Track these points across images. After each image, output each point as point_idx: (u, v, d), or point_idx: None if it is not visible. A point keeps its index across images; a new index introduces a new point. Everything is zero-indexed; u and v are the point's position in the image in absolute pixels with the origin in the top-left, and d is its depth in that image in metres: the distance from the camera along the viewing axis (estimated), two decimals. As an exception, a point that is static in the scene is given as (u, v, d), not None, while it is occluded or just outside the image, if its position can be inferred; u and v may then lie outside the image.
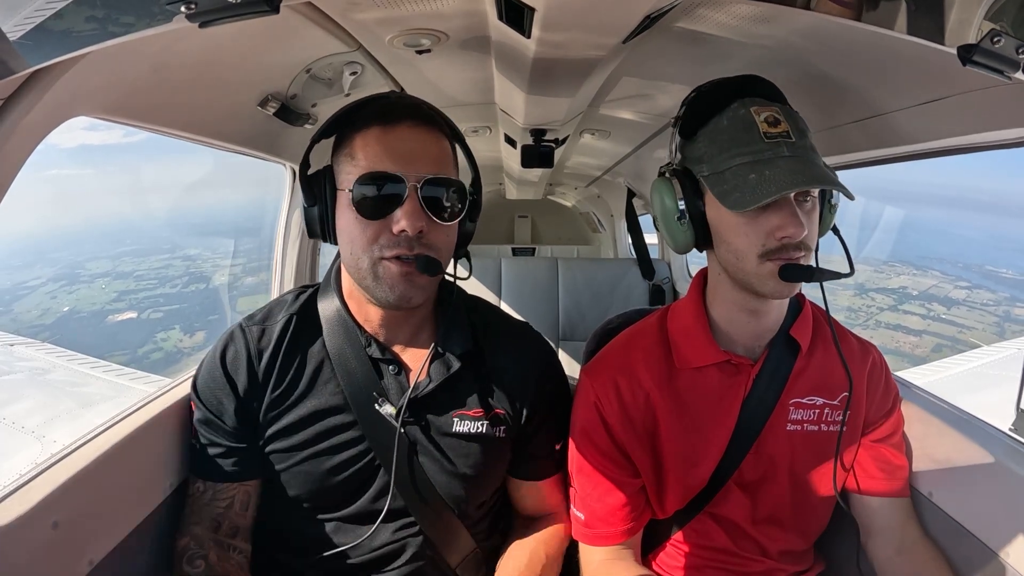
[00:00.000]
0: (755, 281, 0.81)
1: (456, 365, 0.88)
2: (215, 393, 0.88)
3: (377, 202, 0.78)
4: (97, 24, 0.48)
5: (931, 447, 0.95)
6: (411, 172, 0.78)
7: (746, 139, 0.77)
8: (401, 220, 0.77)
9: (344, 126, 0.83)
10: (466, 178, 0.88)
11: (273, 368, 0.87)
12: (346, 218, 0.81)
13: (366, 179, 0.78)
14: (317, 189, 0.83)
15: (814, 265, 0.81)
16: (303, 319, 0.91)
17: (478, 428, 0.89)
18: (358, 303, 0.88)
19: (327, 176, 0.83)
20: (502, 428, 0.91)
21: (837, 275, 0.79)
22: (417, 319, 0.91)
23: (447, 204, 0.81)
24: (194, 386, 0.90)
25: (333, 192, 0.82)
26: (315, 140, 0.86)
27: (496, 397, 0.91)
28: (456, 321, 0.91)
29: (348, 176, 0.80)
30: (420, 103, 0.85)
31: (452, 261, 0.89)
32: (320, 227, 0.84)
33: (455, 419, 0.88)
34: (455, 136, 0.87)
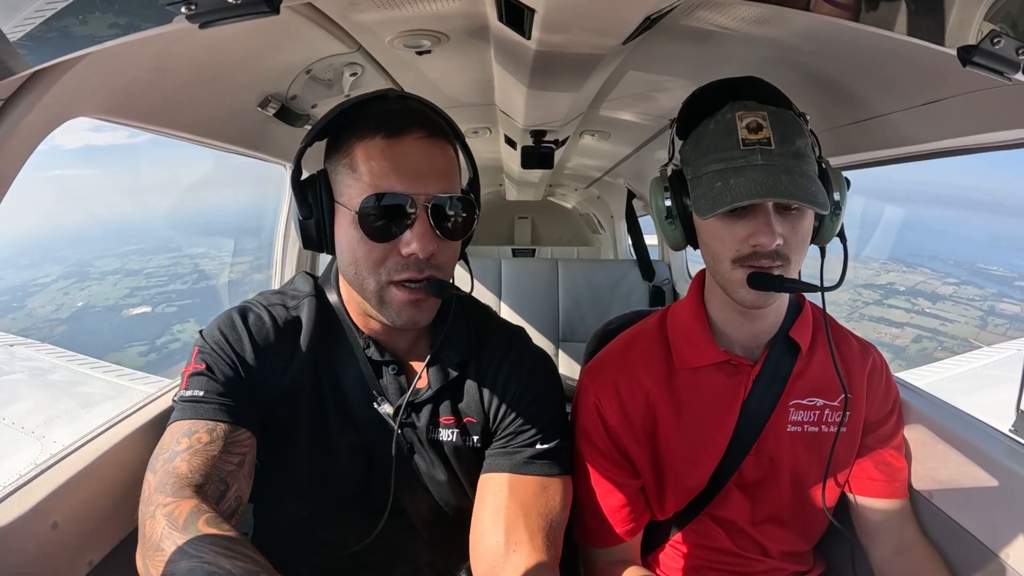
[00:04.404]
0: (729, 286, 0.82)
1: (454, 373, 0.86)
2: (231, 344, 0.79)
3: (385, 224, 0.73)
4: (97, 25, 0.48)
5: (931, 448, 0.95)
6: (420, 190, 0.74)
7: (724, 145, 0.77)
8: (412, 243, 0.73)
9: (341, 128, 0.78)
10: (464, 176, 0.85)
11: (279, 349, 0.82)
12: (349, 236, 0.76)
13: (373, 199, 0.73)
14: (313, 199, 0.77)
15: (796, 276, 0.80)
16: (315, 309, 0.86)
17: (457, 436, 0.86)
18: (357, 309, 0.85)
19: (322, 183, 0.77)
20: (475, 438, 0.87)
21: (806, 287, 0.79)
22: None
23: (457, 221, 0.77)
24: (200, 340, 0.82)
25: (331, 201, 0.77)
26: (307, 144, 0.80)
27: (480, 405, 0.87)
28: (456, 327, 0.88)
29: (350, 190, 0.75)
30: (421, 107, 0.80)
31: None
32: (317, 239, 0.78)
33: (442, 426, 0.86)
34: (457, 138, 0.83)
